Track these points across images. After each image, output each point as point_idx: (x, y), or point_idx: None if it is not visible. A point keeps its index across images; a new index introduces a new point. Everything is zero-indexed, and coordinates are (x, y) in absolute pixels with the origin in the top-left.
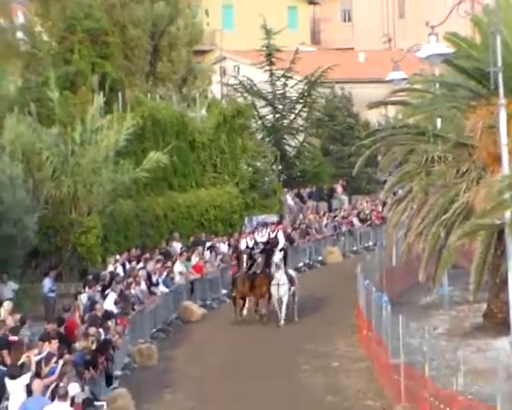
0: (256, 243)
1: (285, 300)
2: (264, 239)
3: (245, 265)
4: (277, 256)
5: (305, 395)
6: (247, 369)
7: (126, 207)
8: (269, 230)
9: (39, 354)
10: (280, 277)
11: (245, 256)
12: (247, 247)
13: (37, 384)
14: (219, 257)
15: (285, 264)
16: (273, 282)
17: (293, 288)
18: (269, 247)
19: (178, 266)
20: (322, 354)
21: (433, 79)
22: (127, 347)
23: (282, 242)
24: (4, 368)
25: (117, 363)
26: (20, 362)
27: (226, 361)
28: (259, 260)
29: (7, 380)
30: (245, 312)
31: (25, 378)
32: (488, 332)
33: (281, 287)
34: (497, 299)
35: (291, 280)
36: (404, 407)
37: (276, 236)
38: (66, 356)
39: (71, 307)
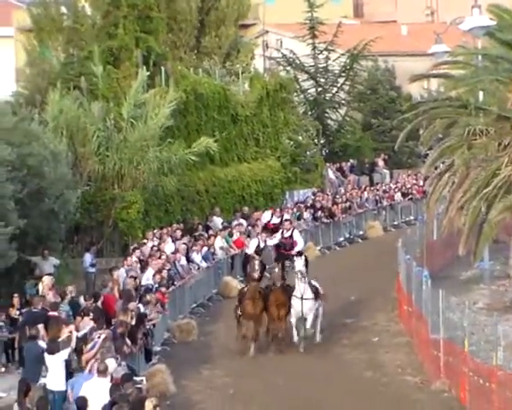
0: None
1: (310, 319)
2: (276, 241)
3: (257, 275)
4: (299, 263)
5: (344, 370)
6: (286, 344)
7: (168, 182)
8: (282, 229)
9: (77, 329)
10: (304, 289)
11: (256, 262)
12: (257, 251)
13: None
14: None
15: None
16: (295, 293)
17: (318, 303)
18: (284, 251)
19: (219, 241)
20: (362, 328)
21: (476, 51)
22: (167, 322)
23: (300, 243)
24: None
25: (156, 338)
26: (62, 337)
27: (265, 336)
28: (276, 270)
29: (46, 355)
30: (252, 350)
31: (63, 354)
32: None
33: (305, 302)
34: None
35: (316, 293)
36: (443, 382)
37: (291, 235)
38: (106, 331)
39: (108, 283)
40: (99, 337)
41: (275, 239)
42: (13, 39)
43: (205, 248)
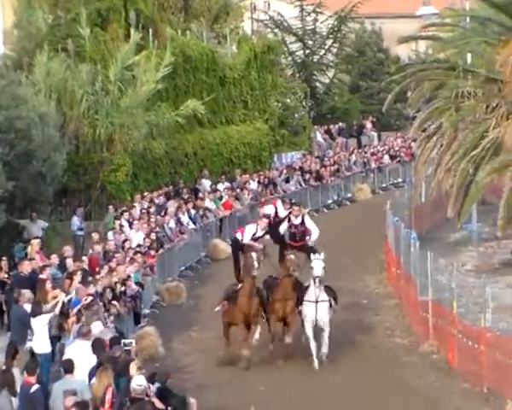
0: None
1: (327, 328)
2: (281, 232)
3: (256, 272)
4: (318, 266)
5: (332, 332)
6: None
7: (156, 145)
8: (289, 216)
9: (66, 292)
10: (319, 292)
11: (254, 256)
12: (254, 239)
13: None
14: (250, 195)
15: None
16: (307, 298)
17: (334, 307)
18: (294, 242)
19: (208, 204)
20: (351, 291)
21: (464, 13)
22: (156, 284)
23: (315, 231)
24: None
25: (145, 301)
26: (51, 303)
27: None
28: (292, 256)
29: (31, 318)
30: (246, 355)
31: (45, 317)
32: None
33: (320, 305)
34: None
35: (333, 296)
36: (431, 344)
37: (302, 222)
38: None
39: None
40: (85, 300)
41: (279, 229)
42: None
43: (192, 211)
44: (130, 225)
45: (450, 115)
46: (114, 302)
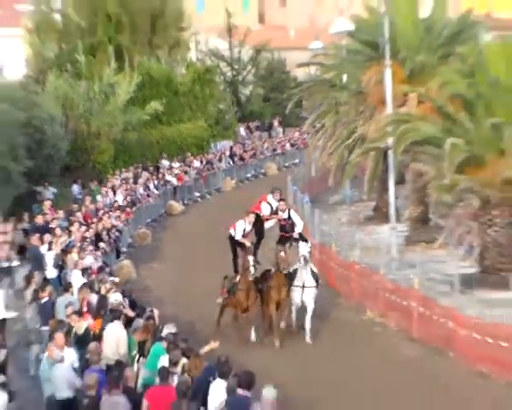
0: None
1: (310, 309)
2: (270, 225)
3: (252, 277)
4: (305, 248)
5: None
6: (216, 244)
7: (131, 136)
8: (277, 211)
9: (68, 239)
10: (306, 276)
11: (251, 259)
12: (244, 234)
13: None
14: (194, 171)
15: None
16: (296, 283)
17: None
18: (285, 233)
19: (167, 177)
20: None
21: (341, 47)
22: (131, 231)
23: (299, 224)
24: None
25: (123, 242)
26: (59, 244)
27: (201, 240)
28: (282, 253)
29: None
30: (253, 335)
31: (53, 253)
32: (376, 221)
33: (306, 290)
34: (383, 198)
35: (317, 281)
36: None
37: (289, 217)
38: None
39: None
40: (80, 242)
41: (269, 223)
42: (22, 37)
43: (156, 181)
44: (114, 191)
45: (332, 117)
46: (101, 243)
